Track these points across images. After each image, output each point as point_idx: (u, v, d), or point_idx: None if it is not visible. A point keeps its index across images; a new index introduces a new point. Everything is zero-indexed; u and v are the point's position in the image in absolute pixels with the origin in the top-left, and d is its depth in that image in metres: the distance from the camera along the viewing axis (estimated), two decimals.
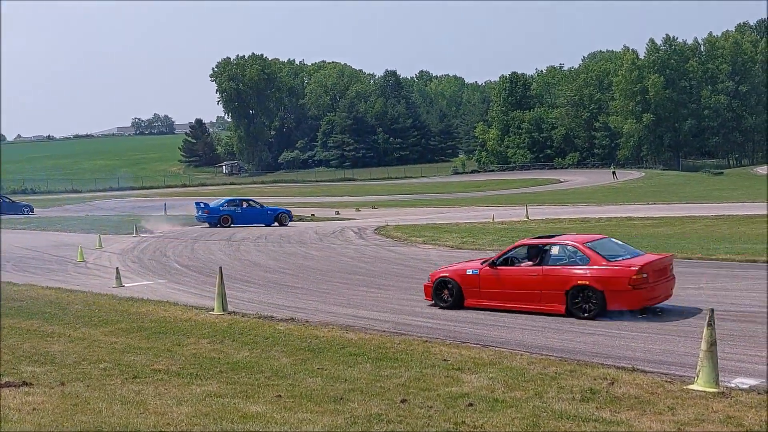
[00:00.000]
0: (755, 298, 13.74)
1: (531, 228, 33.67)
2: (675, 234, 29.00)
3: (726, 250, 20.78)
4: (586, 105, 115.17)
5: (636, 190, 70.51)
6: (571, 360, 9.49)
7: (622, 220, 37.48)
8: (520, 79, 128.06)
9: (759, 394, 7.64)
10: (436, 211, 49.78)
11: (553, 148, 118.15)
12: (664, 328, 11.49)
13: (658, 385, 8.11)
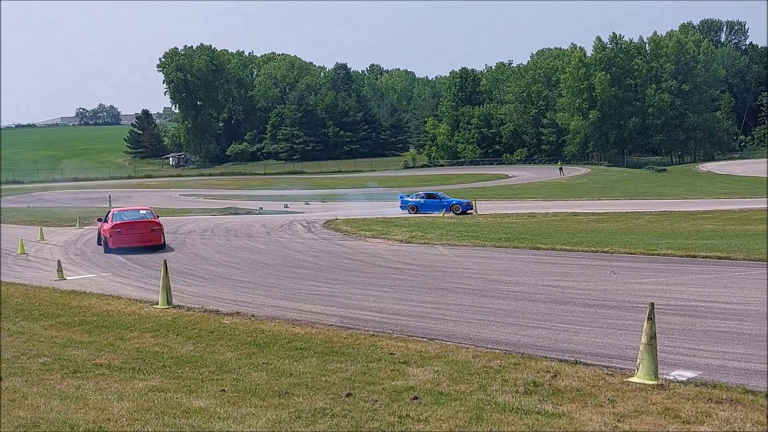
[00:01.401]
0: (694, 293, 14.07)
1: (479, 222, 33.99)
2: (619, 229, 29.52)
3: (667, 245, 21.22)
4: (534, 101, 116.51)
5: (582, 185, 71.69)
6: (516, 353, 9.58)
7: (568, 215, 38.07)
8: (469, 75, 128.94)
9: (696, 386, 7.81)
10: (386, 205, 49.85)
11: (502, 143, 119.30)
12: (606, 322, 11.69)
13: (600, 377, 8.23)
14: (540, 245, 22.52)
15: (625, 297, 13.78)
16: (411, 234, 27.09)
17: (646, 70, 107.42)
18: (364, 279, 17.57)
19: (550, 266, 18.73)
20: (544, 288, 15.21)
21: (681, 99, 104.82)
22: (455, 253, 22.15)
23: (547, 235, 26.54)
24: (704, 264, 17.81)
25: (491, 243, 23.75)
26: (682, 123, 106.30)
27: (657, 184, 71.08)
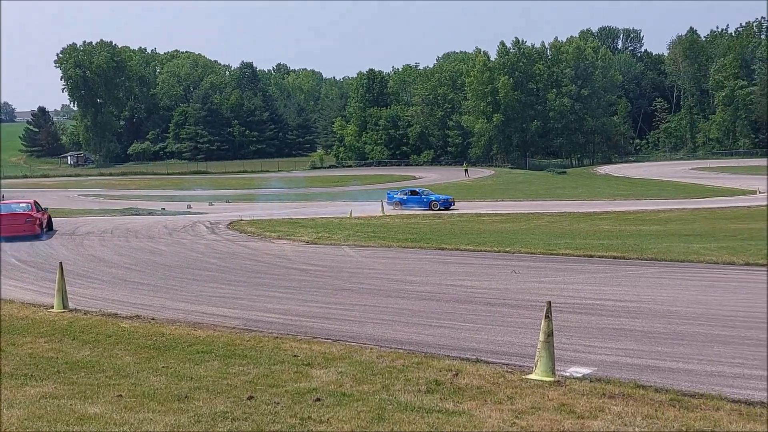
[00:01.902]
0: (590, 291, 14.54)
1: (386, 223, 34.20)
2: (520, 230, 30.26)
3: (566, 245, 21.87)
4: (440, 104, 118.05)
5: (486, 187, 73.10)
6: (419, 353, 9.67)
7: (473, 216, 38.78)
8: (377, 77, 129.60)
9: (591, 382, 8.06)
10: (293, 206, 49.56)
11: (409, 145, 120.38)
12: (507, 320, 11.94)
13: (500, 375, 8.40)
14: (445, 245, 22.84)
15: (526, 296, 14.12)
16: (317, 235, 27.01)
17: (547, 75, 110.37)
18: (268, 281, 17.41)
19: (455, 266, 19.02)
20: (448, 287, 15.43)
21: (580, 103, 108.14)
22: (361, 253, 22.21)
23: (452, 235, 26.94)
24: (600, 263, 18.44)
25: (397, 243, 23.93)
26: (581, 127, 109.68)
27: (557, 185, 73.17)
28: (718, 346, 9.78)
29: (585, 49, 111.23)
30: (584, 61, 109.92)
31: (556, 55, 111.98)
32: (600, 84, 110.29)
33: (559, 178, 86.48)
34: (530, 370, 8.46)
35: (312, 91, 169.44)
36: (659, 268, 17.31)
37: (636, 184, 69.38)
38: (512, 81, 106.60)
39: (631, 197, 53.08)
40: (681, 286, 14.90)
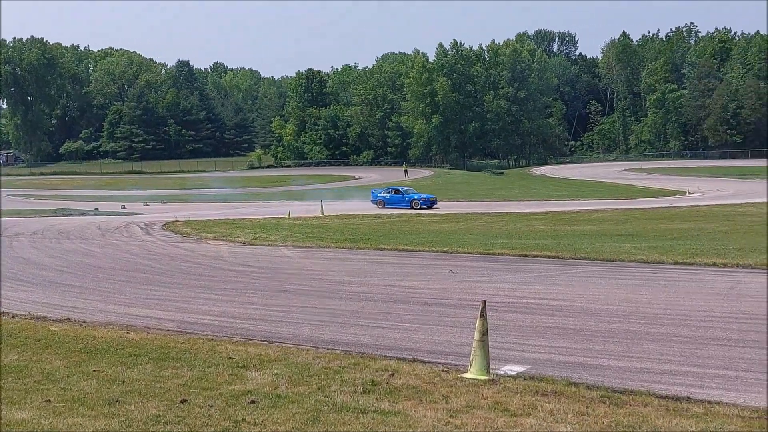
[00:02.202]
0: (525, 290, 14.76)
1: (325, 224, 34.11)
2: (458, 230, 30.51)
3: (503, 245, 22.15)
4: (379, 104, 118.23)
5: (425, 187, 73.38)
6: (356, 353, 9.67)
7: (411, 216, 38.95)
8: (316, 76, 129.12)
9: (524, 380, 8.19)
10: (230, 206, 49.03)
11: (349, 145, 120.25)
12: (444, 320, 12.03)
13: (436, 374, 8.47)
14: (383, 246, 22.90)
15: (462, 295, 14.25)
16: (254, 236, 26.79)
17: (484, 77, 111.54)
18: (204, 282, 17.18)
19: (393, 266, 19.09)
20: (386, 288, 15.48)
21: (517, 105, 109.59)
22: (299, 254, 22.11)
23: (391, 235, 27.03)
24: (535, 263, 18.73)
25: (336, 244, 23.90)
26: (518, 128, 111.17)
27: (495, 186, 74.06)
28: (647, 343, 10.03)
29: (521, 52, 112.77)
30: (521, 64, 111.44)
31: (494, 57, 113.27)
32: (536, 86, 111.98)
33: (497, 178, 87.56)
34: (466, 369, 8.54)
35: (250, 90, 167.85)
36: (592, 267, 17.68)
37: (571, 185, 70.68)
38: (450, 82, 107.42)
39: (565, 198, 54.05)
40: (612, 284, 15.24)
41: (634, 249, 20.02)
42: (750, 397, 7.57)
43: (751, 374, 8.48)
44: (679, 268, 16.97)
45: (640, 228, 29.36)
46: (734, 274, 15.74)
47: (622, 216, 36.58)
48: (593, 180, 74.14)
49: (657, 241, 22.74)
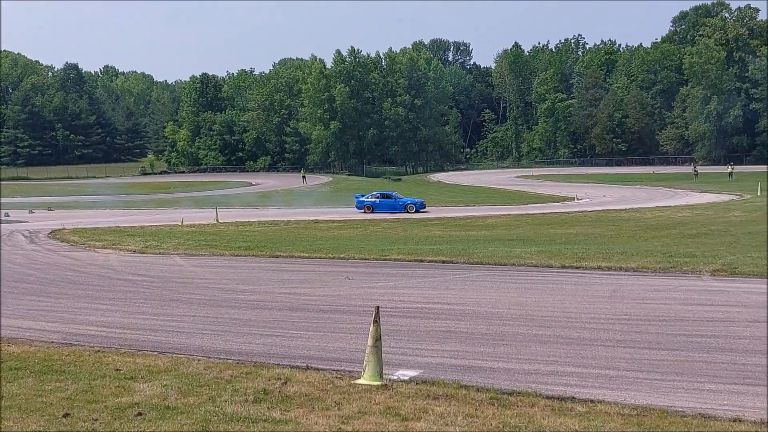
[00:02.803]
0: (419, 295, 14.94)
1: (219, 231, 33.57)
2: (356, 236, 30.62)
3: (399, 251, 22.35)
4: (277, 110, 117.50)
5: (324, 194, 73.42)
6: (248, 362, 9.55)
7: (309, 222, 38.81)
8: (211, 81, 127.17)
9: (417, 384, 8.28)
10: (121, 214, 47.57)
11: (245, 151, 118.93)
12: (339, 327, 12.03)
13: (329, 381, 8.45)
14: (279, 253, 22.72)
15: (358, 301, 14.29)
16: (145, 244, 26.08)
17: (382, 84, 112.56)
18: (92, 292, 16.60)
19: (289, 273, 18.97)
20: (281, 295, 15.35)
21: (414, 113, 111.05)
22: (192, 263, 21.67)
23: (288, 242, 26.85)
24: (430, 267, 18.99)
25: (230, 252, 23.55)
26: (415, 135, 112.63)
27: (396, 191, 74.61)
28: (535, 345, 10.32)
29: (418, 61, 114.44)
30: (417, 72, 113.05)
31: (391, 65, 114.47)
32: (432, 94, 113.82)
33: (395, 185, 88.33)
34: (359, 375, 8.56)
35: (142, 94, 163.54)
36: (484, 271, 18.06)
37: (466, 191, 72.06)
38: (348, 89, 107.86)
39: (461, 204, 55.06)
40: (503, 288, 15.61)
41: (525, 253, 20.58)
42: (630, 396, 7.89)
43: (631, 373, 8.84)
44: (566, 271, 17.54)
45: (530, 233, 30.21)
46: (618, 277, 16.39)
47: (514, 221, 37.55)
48: (488, 186, 75.87)
49: (546, 246, 23.44)
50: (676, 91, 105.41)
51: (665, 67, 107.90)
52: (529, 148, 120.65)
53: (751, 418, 7.10)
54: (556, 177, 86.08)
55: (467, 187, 78.68)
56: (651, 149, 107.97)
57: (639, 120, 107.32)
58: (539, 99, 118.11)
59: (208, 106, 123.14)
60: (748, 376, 8.62)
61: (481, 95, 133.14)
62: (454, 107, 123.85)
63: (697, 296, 13.95)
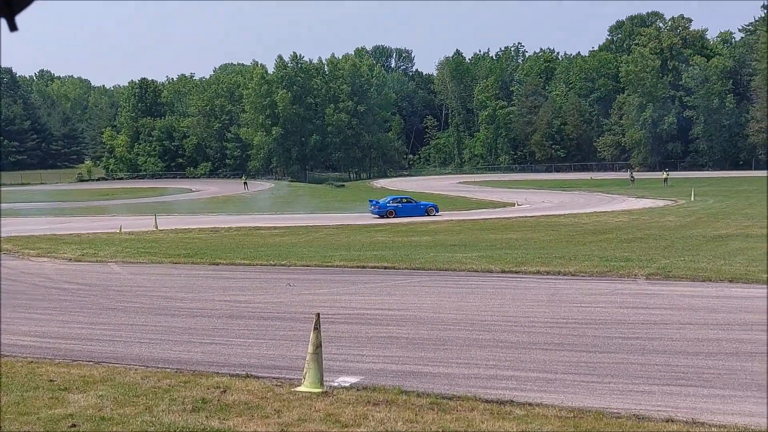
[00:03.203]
0: (361, 301, 14.96)
1: (159, 238, 33.04)
2: (299, 243, 30.46)
3: (341, 257, 22.32)
4: (217, 115, 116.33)
5: (265, 200, 72.90)
6: (188, 371, 9.42)
7: (251, 229, 38.47)
8: (150, 86, 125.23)
9: (358, 391, 8.28)
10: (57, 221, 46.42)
11: (185, 157, 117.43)
12: (280, 334, 11.96)
13: (269, 389, 8.39)
14: (220, 260, 22.47)
15: (299, 308, 14.21)
16: (82, 252, 25.51)
17: (325, 90, 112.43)
18: (25, 302, 16.15)
19: (229, 281, 18.77)
20: (221, 303, 15.18)
21: (357, 119, 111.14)
22: (130, 270, 21.27)
23: (229, 249, 26.58)
24: (372, 273, 19.01)
25: (169, 259, 23.19)
26: (358, 142, 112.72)
27: (336, 198, 74.58)
28: (475, 349, 10.41)
29: (360, 67, 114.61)
30: (360, 78, 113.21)
31: (333, 71, 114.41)
32: (375, 101, 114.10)
33: (338, 191, 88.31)
34: (300, 383, 8.52)
35: (79, 99, 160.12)
36: (426, 276, 18.16)
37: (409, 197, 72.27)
38: (291, 95, 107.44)
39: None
40: (444, 293, 15.72)
41: (466, 258, 20.76)
42: (567, 398, 8.03)
43: (569, 376, 8.99)
44: (506, 276, 17.75)
45: (472, 238, 30.49)
46: (556, 281, 16.66)
47: (456, 227, 37.84)
48: (430, 192, 76.25)
49: (487, 251, 23.69)
50: (613, 98, 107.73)
51: (602, 75, 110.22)
52: (471, 154, 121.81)
53: (682, 418, 7.29)
54: (497, 183, 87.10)
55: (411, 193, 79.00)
56: (589, 155, 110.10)
57: (577, 127, 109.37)
58: (480, 106, 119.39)
59: (148, 111, 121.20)
60: (681, 377, 8.85)
61: (424, 102, 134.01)
62: (397, 114, 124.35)
63: (632, 299, 14.27)
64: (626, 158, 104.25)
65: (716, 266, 17.95)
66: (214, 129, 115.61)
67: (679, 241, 26.27)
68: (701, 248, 23.43)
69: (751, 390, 8.24)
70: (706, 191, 62.34)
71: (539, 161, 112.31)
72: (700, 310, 12.99)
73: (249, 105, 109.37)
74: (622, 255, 21.14)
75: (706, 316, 12.37)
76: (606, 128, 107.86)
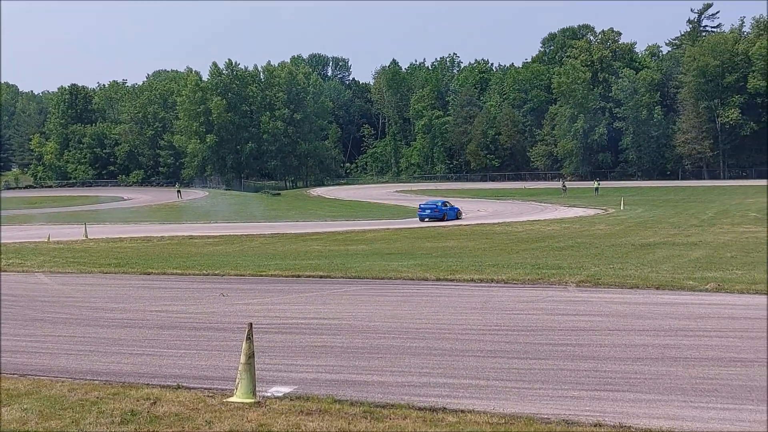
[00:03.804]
0: (296, 311, 14.85)
1: (89, 248, 32.31)
2: (233, 252, 30.17)
3: (276, 266, 22.17)
4: (150, 123, 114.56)
5: (199, 209, 71.99)
6: (117, 383, 9.23)
7: (184, 238, 37.97)
8: (81, 92, 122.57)
9: (291, 401, 8.24)
10: None
11: (117, 164, 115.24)
12: (212, 344, 11.79)
13: (200, 400, 8.28)
14: (151, 270, 22.07)
15: (233, 318, 14.05)
16: (7, 261, 24.75)
17: (260, 97, 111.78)
18: None
19: (161, 291, 18.45)
20: (152, 314, 14.90)
21: (293, 127, 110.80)
22: (58, 281, 20.71)
23: (161, 259, 26.15)
24: (308, 283, 18.92)
25: (99, 269, 22.67)
26: (295, 150, 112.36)
27: (272, 207, 74.14)
28: (408, 357, 10.46)
29: (297, 75, 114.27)
30: (296, 86, 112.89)
31: (269, 78, 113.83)
32: (312, 109, 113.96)
33: (274, 199, 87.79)
34: (232, 393, 8.44)
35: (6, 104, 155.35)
36: (362, 285, 18.16)
37: (346, 206, 72.45)
38: (225, 102, 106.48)
39: (341, 218, 55.28)
40: (379, 302, 15.76)
41: (401, 267, 20.85)
42: (499, 404, 8.13)
43: (500, 382, 9.10)
44: (440, 284, 17.89)
45: (408, 247, 30.68)
46: (489, 289, 16.86)
47: (393, 235, 38.02)
48: (368, 201, 76.52)
49: (423, 259, 23.85)
50: (546, 109, 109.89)
51: (535, 86, 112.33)
52: (408, 163, 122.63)
53: (610, 422, 7.46)
54: (433, 192, 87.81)
55: (347, 201, 79.11)
56: (522, 165, 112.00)
57: (511, 137, 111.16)
58: (417, 115, 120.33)
59: (78, 118, 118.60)
60: (609, 382, 9.05)
61: (361, 111, 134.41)
62: (334, 122, 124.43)
63: (563, 306, 14.54)
64: (558, 168, 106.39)
65: (643, 273, 18.44)
66: (147, 136, 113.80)
67: (609, 249, 26.90)
68: (629, 256, 24.05)
69: (675, 394, 8.48)
70: (635, 200, 64.09)
71: (474, 170, 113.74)
72: (628, 316, 13.30)
73: (183, 112, 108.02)
74: (554, 263, 21.54)
75: (633, 323, 12.68)
76: (539, 138, 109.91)
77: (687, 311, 13.68)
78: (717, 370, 9.45)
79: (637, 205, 58.76)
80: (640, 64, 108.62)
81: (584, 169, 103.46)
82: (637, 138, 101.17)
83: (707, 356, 10.24)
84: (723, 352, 10.47)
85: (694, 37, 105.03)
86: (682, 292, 15.84)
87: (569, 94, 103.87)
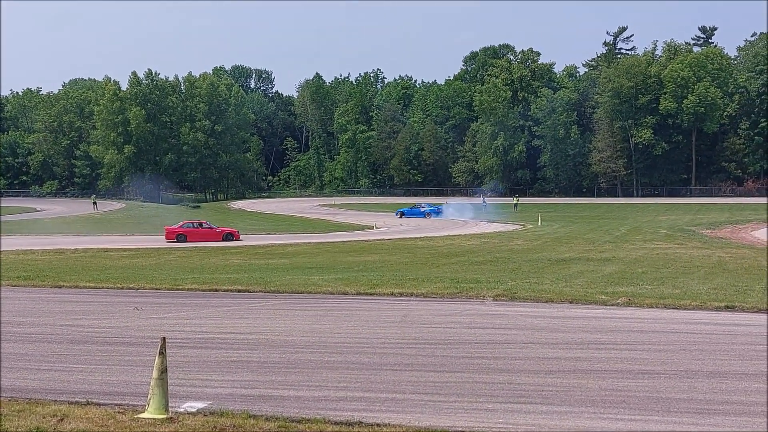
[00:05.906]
0: (212, 325, 14.62)
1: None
2: (149, 265, 29.55)
3: (193, 280, 21.82)
4: (66, 132, 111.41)
5: (116, 221, 70.26)
6: (21, 399, 8.89)
7: (99, 251, 37.02)
8: None
9: (204, 416, 8.10)
10: None
11: (30, 174, 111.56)
12: (125, 359, 11.51)
13: (110, 416, 8.06)
14: (63, 283, 21.44)
15: (146, 333, 13.74)
16: None
17: (181, 108, 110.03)
18: None
19: (72, 305, 17.92)
20: (63, 328, 14.44)
21: (214, 139, 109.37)
22: None
23: (73, 272, 25.42)
24: (226, 297, 18.69)
25: (7, 282, 21.87)
26: (216, 162, 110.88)
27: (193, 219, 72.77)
28: (326, 371, 10.42)
29: (218, 86, 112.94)
30: (218, 98, 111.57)
31: (190, 89, 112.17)
32: (234, 121, 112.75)
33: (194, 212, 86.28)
34: (144, 409, 8.24)
35: None
36: (281, 299, 18.04)
37: (268, 219, 71.81)
38: (145, 112, 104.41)
39: (262, 231, 54.76)
40: (298, 316, 15.66)
41: (322, 281, 20.81)
42: (414, 418, 8.17)
43: (417, 396, 9.15)
44: (361, 298, 17.93)
45: (330, 261, 30.62)
46: (408, 303, 16.98)
47: (314, 249, 37.90)
48: (290, 214, 76.06)
49: (344, 273, 23.85)
50: (467, 126, 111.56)
51: (458, 103, 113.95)
52: (331, 177, 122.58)
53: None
54: (356, 206, 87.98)
55: (269, 215, 78.44)
56: (445, 180, 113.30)
57: (434, 153, 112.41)
58: (341, 129, 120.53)
59: None
60: (522, 394, 9.21)
61: (284, 123, 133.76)
62: (257, 134, 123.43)
63: (479, 320, 14.75)
64: (479, 184, 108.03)
65: (558, 288, 18.89)
66: (62, 146, 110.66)
67: (526, 264, 27.45)
68: (545, 271, 24.59)
69: (585, 405, 8.69)
70: (553, 216, 65.64)
71: (398, 185, 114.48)
72: (542, 329, 13.58)
73: (100, 122, 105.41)
74: (473, 277, 21.85)
75: (548, 336, 12.95)
76: (461, 155, 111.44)
77: (599, 325, 14.07)
78: (626, 382, 9.74)
79: (554, 221, 60.18)
80: (558, 84, 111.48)
81: (504, 185, 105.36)
82: (554, 156, 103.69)
83: (617, 368, 10.54)
84: (632, 364, 10.79)
85: (609, 58, 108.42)
86: (595, 306, 16.30)
87: (490, 112, 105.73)
